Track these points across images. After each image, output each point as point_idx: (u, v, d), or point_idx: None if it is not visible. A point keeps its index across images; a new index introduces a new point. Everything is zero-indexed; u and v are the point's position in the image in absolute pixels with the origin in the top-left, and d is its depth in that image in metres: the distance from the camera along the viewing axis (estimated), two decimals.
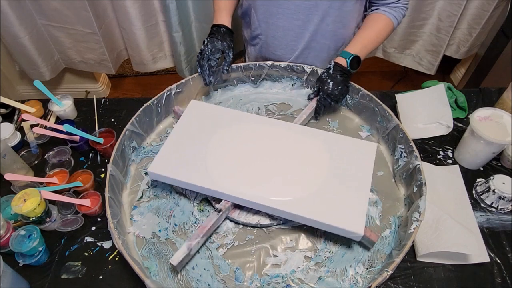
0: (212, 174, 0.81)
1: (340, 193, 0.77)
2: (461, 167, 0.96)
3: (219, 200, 0.81)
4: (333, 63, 0.92)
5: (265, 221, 0.80)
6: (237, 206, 0.82)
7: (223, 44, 0.96)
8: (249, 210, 0.82)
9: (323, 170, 0.81)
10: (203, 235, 0.75)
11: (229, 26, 1.00)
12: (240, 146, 0.87)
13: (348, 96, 1.02)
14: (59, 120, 1.10)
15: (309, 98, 1.00)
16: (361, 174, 0.80)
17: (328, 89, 0.90)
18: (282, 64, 1.06)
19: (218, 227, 0.82)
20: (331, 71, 0.91)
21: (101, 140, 0.97)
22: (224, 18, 1.00)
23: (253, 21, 1.05)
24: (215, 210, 0.79)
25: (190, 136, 0.89)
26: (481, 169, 0.97)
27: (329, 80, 0.90)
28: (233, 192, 0.78)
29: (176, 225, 0.83)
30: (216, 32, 0.97)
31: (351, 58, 0.90)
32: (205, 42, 0.96)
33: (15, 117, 1.13)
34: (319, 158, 0.83)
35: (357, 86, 0.99)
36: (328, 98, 0.92)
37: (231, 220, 0.83)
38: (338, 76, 0.90)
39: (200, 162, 0.83)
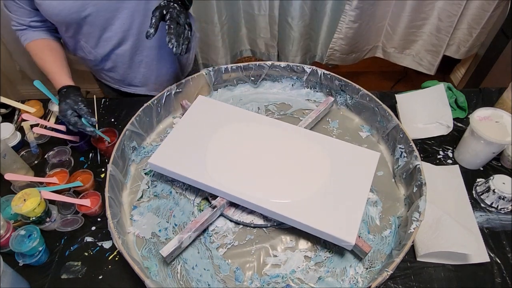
0: (210, 170, 0.81)
1: (335, 200, 0.76)
2: (461, 167, 0.96)
3: (215, 197, 0.82)
4: None
5: (259, 221, 0.81)
6: (232, 204, 0.83)
7: (67, 102, 0.89)
8: (244, 209, 0.82)
9: (322, 176, 0.81)
10: (195, 229, 0.76)
11: (69, 83, 0.94)
12: (242, 145, 0.87)
13: (348, 96, 1.02)
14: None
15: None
16: (360, 183, 0.79)
17: (175, 8, 0.82)
18: (282, 64, 1.06)
19: (211, 223, 0.82)
20: None
21: (107, 138, 0.97)
22: (59, 80, 0.94)
23: (88, 51, 1.02)
24: (210, 206, 0.79)
25: (194, 131, 0.89)
26: (481, 169, 0.97)
27: (173, 3, 0.83)
28: (229, 190, 0.78)
29: (176, 225, 0.83)
30: (60, 97, 0.92)
31: None
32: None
33: (15, 117, 1.13)
34: (319, 164, 0.83)
35: (357, 86, 0.99)
36: (174, 11, 0.82)
37: (225, 218, 0.83)
38: (179, 2, 0.84)
39: (200, 158, 0.84)
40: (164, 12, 0.81)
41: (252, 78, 1.10)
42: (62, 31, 0.99)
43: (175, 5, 0.83)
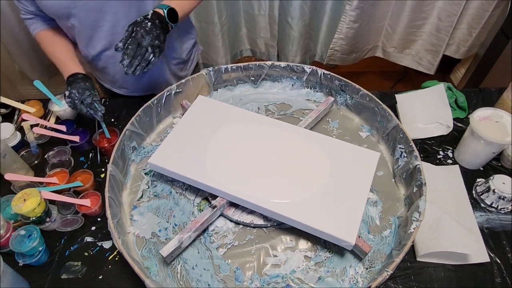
0: (210, 170, 0.81)
1: (335, 200, 0.76)
2: (461, 167, 0.96)
3: (215, 197, 0.82)
4: (152, 11, 0.86)
5: (259, 221, 0.80)
6: (232, 204, 0.83)
7: (86, 84, 0.91)
8: (244, 209, 0.82)
9: (321, 176, 0.81)
10: (195, 229, 0.76)
11: (82, 71, 0.96)
12: (242, 145, 0.87)
13: (348, 96, 1.02)
14: (59, 120, 1.10)
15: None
16: (360, 182, 0.79)
17: (146, 27, 0.81)
18: (282, 64, 1.06)
19: (211, 223, 0.82)
20: (149, 16, 0.84)
21: (108, 135, 0.97)
22: (72, 67, 0.96)
23: (81, 49, 1.02)
24: (210, 206, 0.79)
25: (194, 131, 0.89)
26: (481, 169, 0.97)
27: (147, 22, 0.83)
28: (229, 190, 0.78)
29: (176, 225, 0.83)
30: (74, 80, 0.93)
31: (167, 9, 0.87)
32: (67, 93, 0.92)
33: (15, 117, 1.13)
34: (319, 164, 0.83)
35: (357, 86, 0.99)
36: (141, 31, 0.81)
37: (225, 218, 0.83)
38: (157, 21, 0.84)
39: (200, 157, 0.84)
40: (134, 29, 0.81)
41: (252, 78, 1.10)
42: (59, 24, 0.99)
43: (148, 23, 0.82)
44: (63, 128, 1.02)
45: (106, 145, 0.97)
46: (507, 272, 0.79)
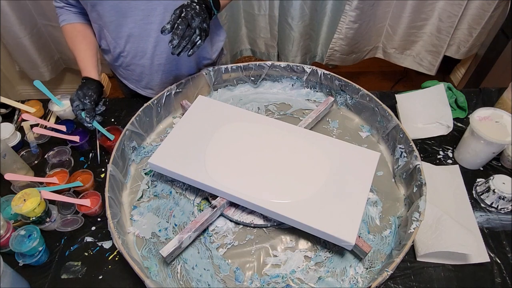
0: (210, 170, 0.81)
1: (335, 200, 0.76)
2: (461, 167, 0.96)
3: (215, 197, 0.82)
4: None
5: (259, 221, 0.81)
6: (232, 204, 0.83)
7: (78, 93, 0.91)
8: (244, 209, 0.82)
9: (321, 176, 0.81)
10: (195, 229, 0.76)
11: (91, 75, 0.95)
12: (242, 145, 0.87)
13: (348, 96, 1.02)
14: (59, 120, 1.10)
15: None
16: (360, 182, 0.79)
17: (196, 9, 0.82)
18: (282, 64, 1.06)
19: (211, 223, 0.82)
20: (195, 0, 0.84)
21: (111, 137, 0.97)
22: (83, 70, 0.96)
23: (109, 41, 1.00)
24: (210, 206, 0.79)
25: (194, 131, 0.89)
26: (481, 169, 0.97)
27: (195, 5, 0.83)
28: (229, 190, 0.78)
29: (176, 225, 0.83)
30: (82, 84, 0.93)
31: None
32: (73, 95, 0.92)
33: (15, 117, 1.13)
34: (319, 164, 0.83)
35: (357, 86, 0.99)
36: (191, 12, 0.81)
37: (225, 218, 0.83)
38: (203, 5, 0.84)
39: (200, 158, 0.84)
40: (183, 11, 0.81)
41: (252, 78, 1.10)
42: (88, 12, 0.97)
43: (197, 6, 0.82)
44: (63, 128, 1.02)
45: (109, 143, 0.97)
46: (507, 272, 0.79)
